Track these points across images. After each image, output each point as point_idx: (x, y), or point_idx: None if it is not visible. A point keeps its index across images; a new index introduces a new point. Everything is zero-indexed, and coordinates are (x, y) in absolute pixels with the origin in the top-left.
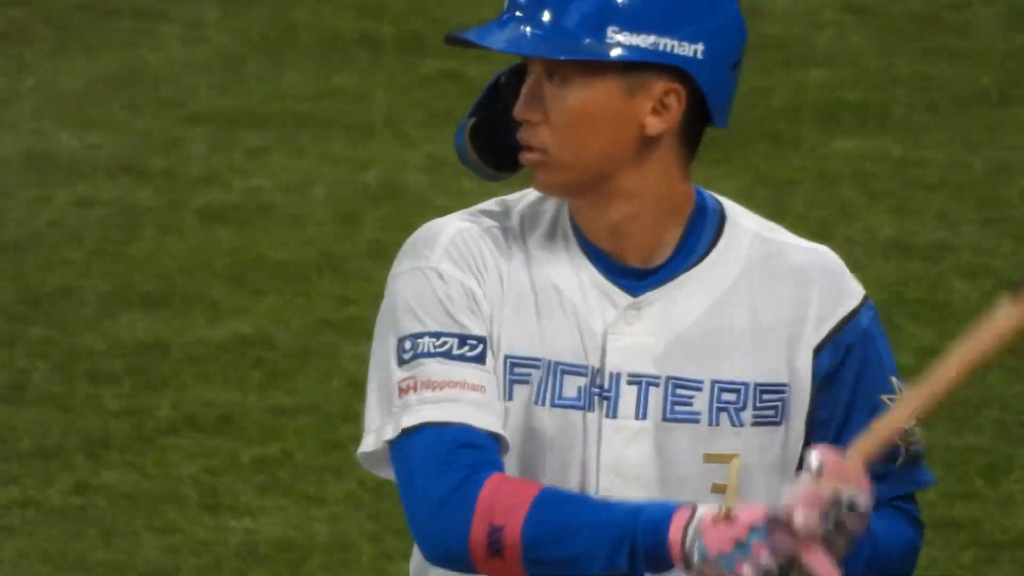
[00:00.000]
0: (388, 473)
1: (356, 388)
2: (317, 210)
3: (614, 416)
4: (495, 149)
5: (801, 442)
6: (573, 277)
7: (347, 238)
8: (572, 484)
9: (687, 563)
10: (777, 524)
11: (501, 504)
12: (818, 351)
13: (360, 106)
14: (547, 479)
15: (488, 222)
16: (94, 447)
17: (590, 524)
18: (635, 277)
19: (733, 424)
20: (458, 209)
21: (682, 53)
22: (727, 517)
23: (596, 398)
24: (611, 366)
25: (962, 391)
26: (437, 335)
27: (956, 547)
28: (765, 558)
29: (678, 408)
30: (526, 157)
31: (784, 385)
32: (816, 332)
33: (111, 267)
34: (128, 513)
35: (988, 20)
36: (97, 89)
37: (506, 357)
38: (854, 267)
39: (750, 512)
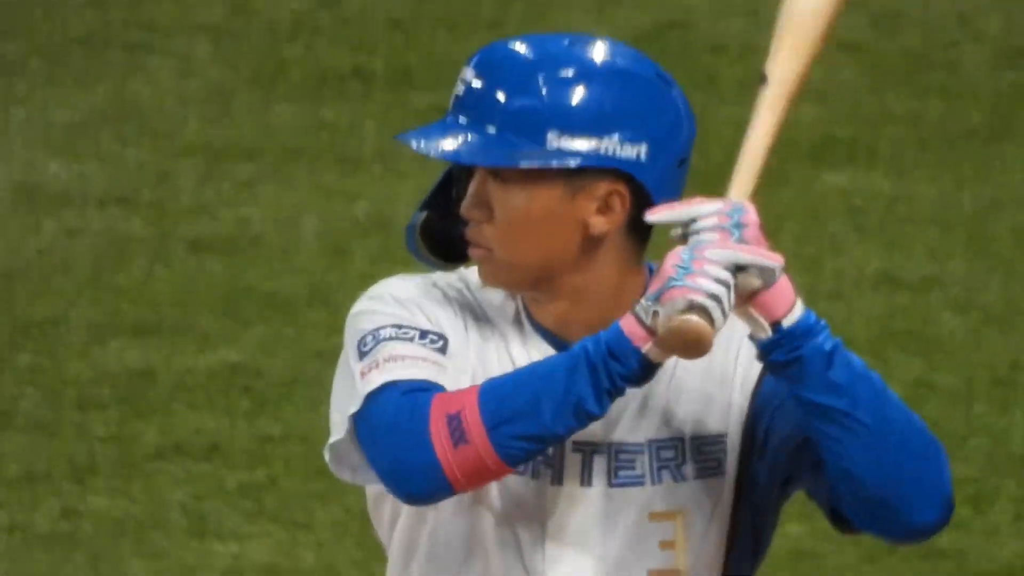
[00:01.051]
0: (351, 473)
1: None
2: (307, 242)
3: (560, 483)
4: (444, 241)
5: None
6: (524, 352)
7: (336, 269)
8: (521, 550)
9: (648, 328)
10: (695, 243)
11: (451, 398)
12: (755, 393)
13: (350, 139)
14: (494, 545)
15: (455, 285)
16: (81, 473)
17: (540, 366)
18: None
19: (675, 480)
20: None
21: (624, 155)
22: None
23: (541, 466)
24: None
25: (949, 423)
26: (399, 326)
27: None
28: (707, 266)
29: (623, 473)
30: (473, 252)
31: (722, 435)
32: (748, 377)
33: (100, 296)
34: (115, 539)
35: (978, 59)
36: (88, 121)
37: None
38: (842, 301)
39: (671, 251)
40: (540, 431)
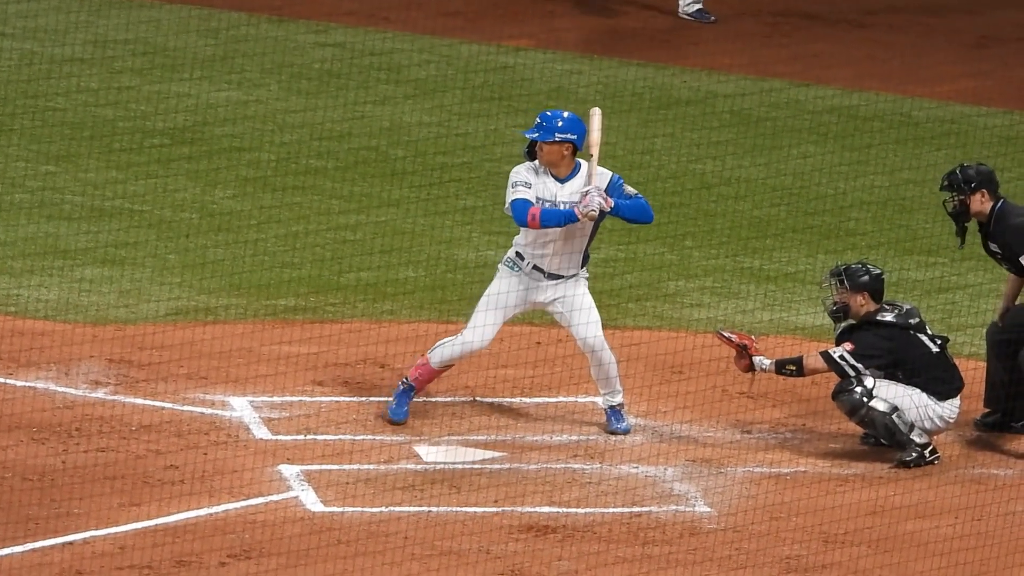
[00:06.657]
0: (509, 212)
1: None
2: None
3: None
4: (530, 153)
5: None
6: (549, 180)
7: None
8: (553, 240)
9: (580, 213)
10: (591, 195)
11: (534, 209)
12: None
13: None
14: (550, 237)
15: (532, 166)
16: None
17: (558, 210)
18: (561, 180)
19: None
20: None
21: (572, 138)
22: (583, 195)
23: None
24: (559, 199)
25: None
26: (519, 181)
27: None
28: (595, 199)
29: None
30: (539, 157)
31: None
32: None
33: None
34: None
35: None
36: None
37: (536, 197)
38: None
39: (586, 194)
40: (552, 225)
